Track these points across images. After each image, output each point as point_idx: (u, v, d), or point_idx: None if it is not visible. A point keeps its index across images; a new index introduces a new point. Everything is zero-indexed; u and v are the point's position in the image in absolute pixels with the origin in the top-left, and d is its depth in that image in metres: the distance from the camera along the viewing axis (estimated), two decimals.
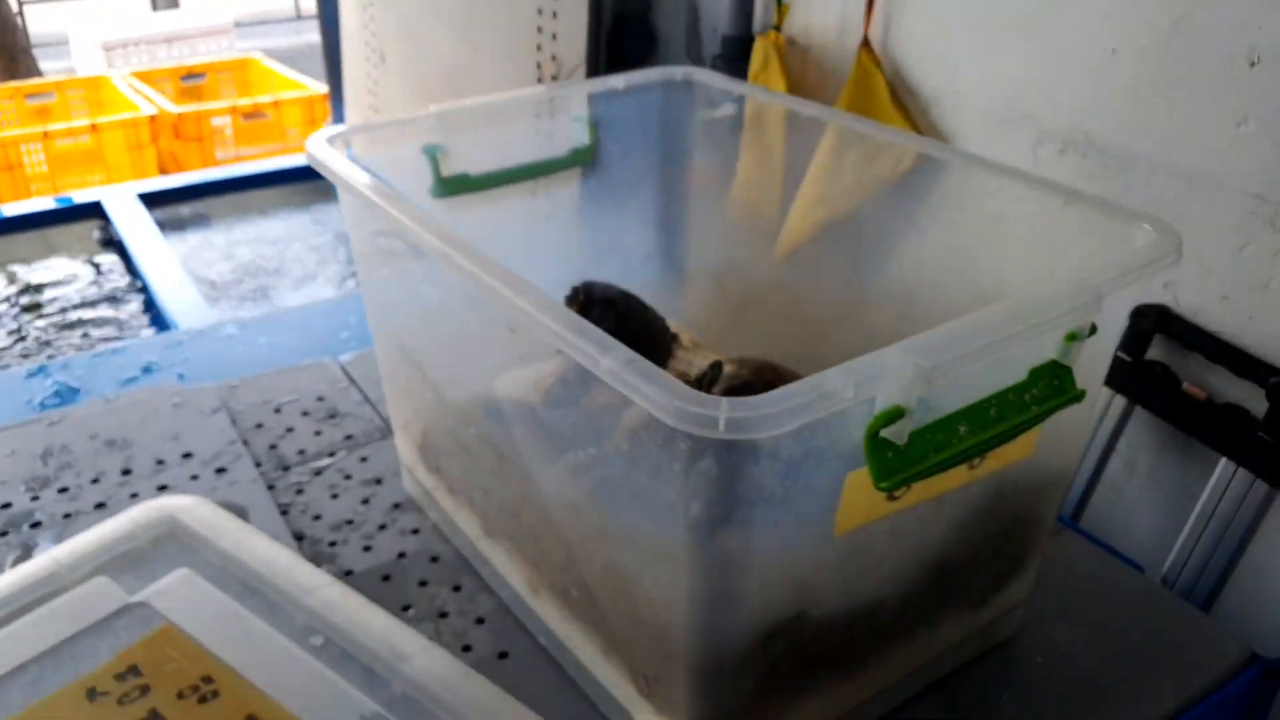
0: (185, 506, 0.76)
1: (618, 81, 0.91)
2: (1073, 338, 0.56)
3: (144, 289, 1.64)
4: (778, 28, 1.30)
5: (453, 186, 0.85)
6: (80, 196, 2.00)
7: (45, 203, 2.00)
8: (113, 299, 1.66)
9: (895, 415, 0.50)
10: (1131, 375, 0.94)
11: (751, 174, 0.98)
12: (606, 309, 0.92)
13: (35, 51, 5.61)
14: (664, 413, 0.45)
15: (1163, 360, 0.94)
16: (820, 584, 0.57)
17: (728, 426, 0.44)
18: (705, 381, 0.80)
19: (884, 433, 0.50)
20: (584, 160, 0.93)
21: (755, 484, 0.49)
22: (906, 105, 1.14)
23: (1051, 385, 0.58)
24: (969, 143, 1.10)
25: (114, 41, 5.22)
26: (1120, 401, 0.96)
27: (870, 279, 0.88)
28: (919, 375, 0.49)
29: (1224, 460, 0.89)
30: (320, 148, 0.74)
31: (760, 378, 0.85)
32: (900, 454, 0.51)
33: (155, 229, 1.83)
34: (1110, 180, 0.97)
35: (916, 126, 1.13)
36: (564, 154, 0.93)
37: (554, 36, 1.45)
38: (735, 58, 1.37)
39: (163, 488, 0.89)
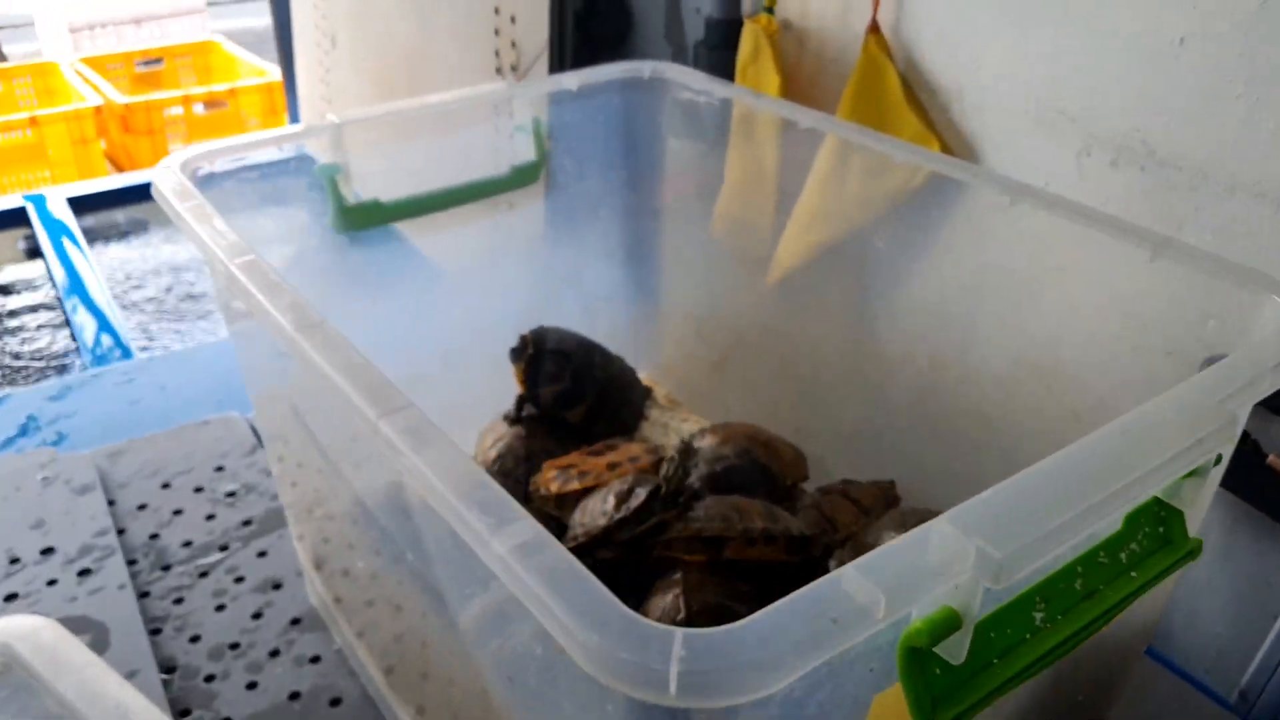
0: (27, 633, 0.61)
1: (570, 81, 0.73)
2: (1194, 475, 0.39)
3: (64, 312, 1.47)
4: (770, 9, 1.12)
5: (359, 217, 0.68)
6: (4, 201, 1.81)
7: None
8: (34, 322, 1.48)
9: (947, 625, 0.32)
10: None
11: (738, 193, 0.81)
12: (560, 364, 0.75)
13: (0, 34, 5.39)
14: (584, 655, 0.28)
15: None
16: None
17: (683, 690, 0.27)
18: (676, 472, 0.63)
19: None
20: (530, 179, 0.76)
21: None
22: (923, 103, 0.96)
23: (1156, 535, 0.41)
24: (998, 149, 0.92)
25: (80, 23, 5.01)
26: None
27: (882, 327, 0.71)
28: (985, 569, 0.31)
29: None
30: (167, 178, 0.57)
31: (748, 459, 0.68)
32: (952, 674, 0.34)
33: (82, 239, 1.65)
34: (1176, 200, 0.79)
35: (934, 129, 0.95)
36: (505, 172, 0.75)
37: (512, 19, 1.27)
38: (721, 45, 1.18)
39: (11, 597, 0.72)
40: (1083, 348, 0.54)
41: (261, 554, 0.75)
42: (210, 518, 0.79)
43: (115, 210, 1.85)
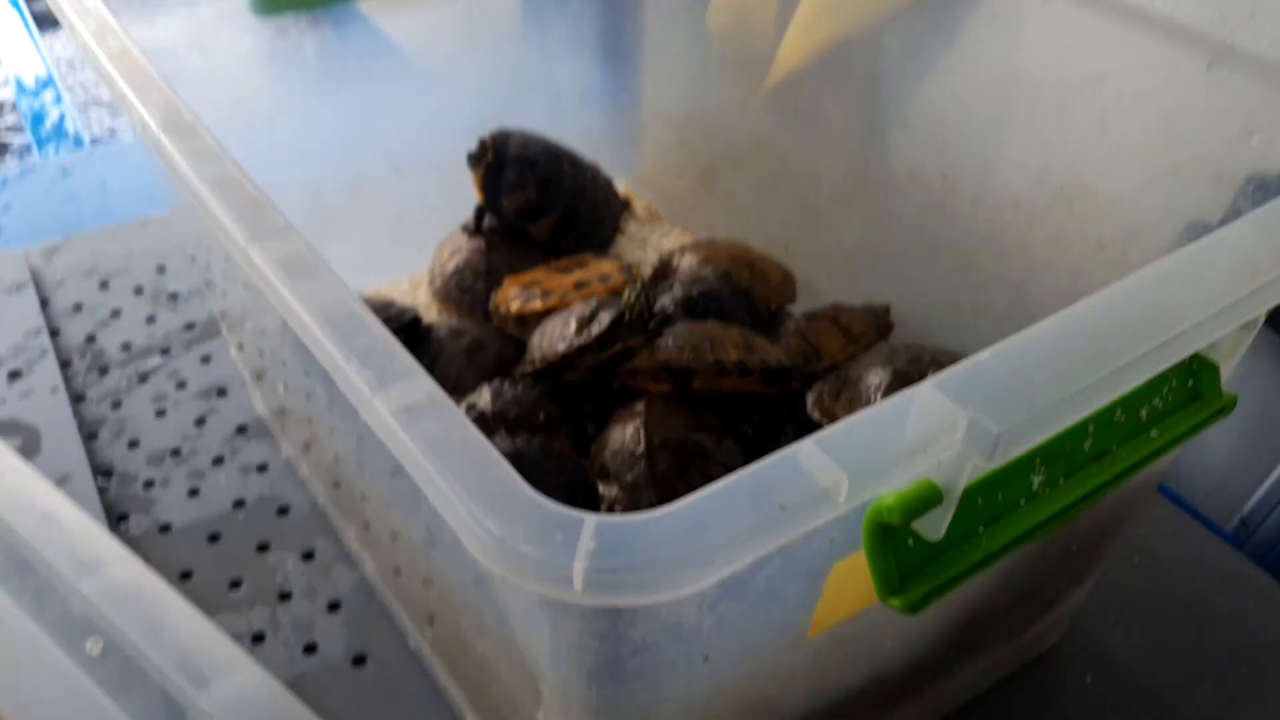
0: None
1: None
2: (1247, 326, 0.33)
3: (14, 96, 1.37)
4: None
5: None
6: None
7: None
8: None
9: (925, 501, 0.27)
10: None
11: None
12: (523, 172, 0.68)
13: None
14: (477, 545, 0.23)
15: None
16: (784, 695, 0.36)
17: (591, 586, 0.22)
18: (639, 299, 0.56)
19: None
20: None
21: (660, 629, 0.27)
22: None
23: (1184, 389, 0.35)
24: None
25: None
26: None
27: (891, 140, 0.63)
28: (980, 445, 0.26)
29: None
30: None
31: (728, 282, 0.62)
32: (928, 551, 0.29)
33: (33, 24, 1.53)
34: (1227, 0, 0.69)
35: None
36: None
37: None
38: None
39: None
40: (1116, 167, 0.47)
41: (205, 359, 0.70)
42: (151, 320, 0.74)
43: None
